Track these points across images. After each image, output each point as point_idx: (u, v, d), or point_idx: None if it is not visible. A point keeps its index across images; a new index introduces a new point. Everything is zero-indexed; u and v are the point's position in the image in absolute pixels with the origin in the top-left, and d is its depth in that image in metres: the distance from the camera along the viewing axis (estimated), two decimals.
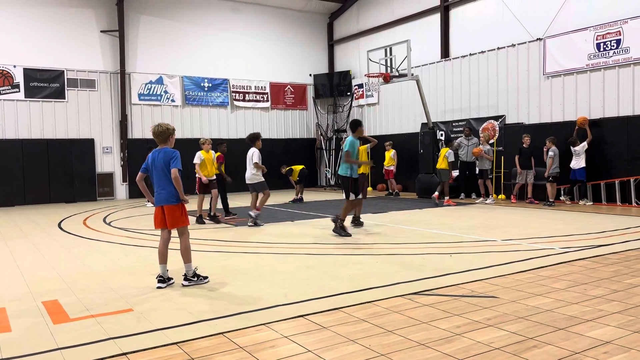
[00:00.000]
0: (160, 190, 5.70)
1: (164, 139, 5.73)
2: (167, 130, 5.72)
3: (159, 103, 19.03)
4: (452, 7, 17.31)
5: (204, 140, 11.25)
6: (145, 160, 5.80)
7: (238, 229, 10.12)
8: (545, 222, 9.98)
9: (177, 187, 5.62)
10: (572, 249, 7.18)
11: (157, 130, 5.71)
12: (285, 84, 21.74)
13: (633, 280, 5.44)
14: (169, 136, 5.75)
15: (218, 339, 3.97)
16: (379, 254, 7.23)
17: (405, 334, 3.96)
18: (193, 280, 5.74)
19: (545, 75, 14.48)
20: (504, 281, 5.52)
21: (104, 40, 18.04)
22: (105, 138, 18.16)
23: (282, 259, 7.12)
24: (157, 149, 5.74)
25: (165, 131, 5.71)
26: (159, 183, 5.70)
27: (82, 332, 4.17)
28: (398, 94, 19.23)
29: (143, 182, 5.85)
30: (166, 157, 5.63)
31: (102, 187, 18.03)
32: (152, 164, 5.71)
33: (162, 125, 5.76)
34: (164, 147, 5.74)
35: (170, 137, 5.76)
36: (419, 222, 10.55)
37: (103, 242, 8.85)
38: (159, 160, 5.65)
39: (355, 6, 21.43)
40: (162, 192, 5.68)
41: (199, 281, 5.77)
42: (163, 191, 5.67)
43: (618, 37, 12.78)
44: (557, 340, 3.76)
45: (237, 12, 20.58)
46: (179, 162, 5.63)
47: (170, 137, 5.76)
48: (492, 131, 15.71)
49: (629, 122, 12.47)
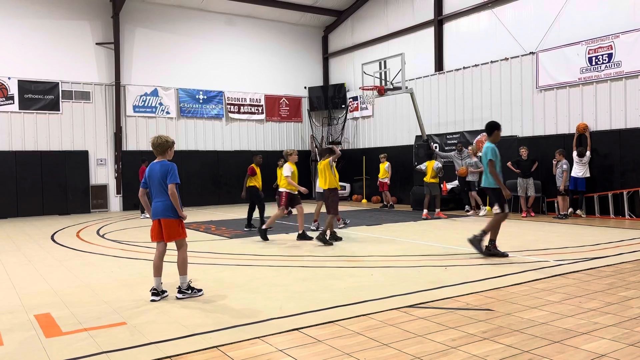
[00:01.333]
0: (157, 203, 5.66)
1: (162, 150, 5.71)
2: (167, 142, 5.72)
3: (153, 115, 19.04)
4: (446, 21, 17.49)
5: (291, 151, 10.28)
6: (144, 175, 5.75)
7: (232, 241, 10.08)
8: (539, 235, 10.00)
9: (174, 203, 5.57)
10: (567, 262, 7.20)
11: (157, 142, 5.70)
12: (280, 96, 21.82)
13: (627, 292, 5.46)
14: (167, 148, 5.73)
15: (212, 352, 3.94)
16: (373, 267, 7.22)
17: (401, 347, 3.94)
18: (187, 292, 5.70)
19: (538, 88, 14.61)
20: (499, 294, 5.51)
21: (99, 52, 18.08)
22: (100, 150, 18.12)
23: (276, 271, 7.09)
24: (155, 162, 5.71)
25: (164, 143, 5.70)
26: (156, 195, 5.67)
27: (75, 346, 4.13)
28: (392, 107, 19.34)
29: (145, 197, 5.83)
30: (163, 170, 5.59)
31: (96, 199, 17.95)
32: (149, 176, 5.69)
33: (161, 137, 5.75)
34: (162, 159, 5.71)
35: (169, 150, 5.74)
36: (413, 234, 10.55)
37: (96, 255, 8.79)
38: (156, 173, 5.62)
39: (350, 19, 21.61)
40: (159, 205, 5.63)
41: (192, 294, 5.73)
42: (160, 204, 5.63)
43: (610, 51, 12.94)
44: (552, 353, 3.76)
45: (232, 24, 20.70)
46: (176, 177, 5.59)
47: (169, 150, 5.74)
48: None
49: (621, 135, 12.57)
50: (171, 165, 5.64)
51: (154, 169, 5.65)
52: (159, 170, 5.61)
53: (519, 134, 15.02)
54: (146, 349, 4.03)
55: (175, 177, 5.58)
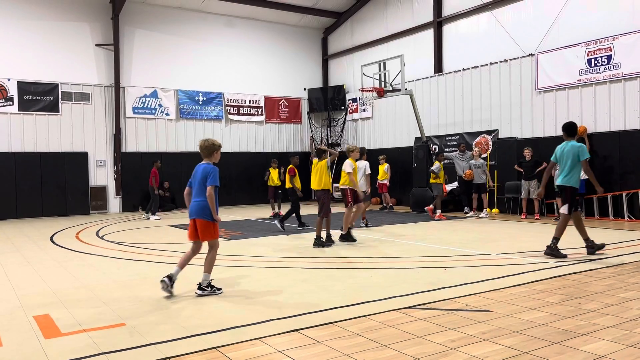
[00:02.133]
0: (194, 202, 5.85)
1: (208, 153, 5.92)
2: (213, 145, 5.91)
3: (153, 116, 19.04)
4: (445, 23, 17.51)
5: (353, 147, 10.08)
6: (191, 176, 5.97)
7: (231, 243, 10.08)
8: (539, 236, 10.00)
9: (210, 205, 5.72)
10: (566, 263, 7.20)
11: (204, 145, 5.91)
12: (280, 98, 21.83)
13: (627, 294, 5.46)
14: (213, 152, 5.92)
15: (212, 353, 3.93)
16: (373, 268, 7.22)
17: (400, 349, 3.94)
18: (207, 290, 5.84)
19: (537, 90, 14.63)
20: (499, 295, 5.51)
21: (99, 53, 18.09)
22: (99, 151, 18.12)
23: (276, 272, 7.09)
24: (200, 163, 5.93)
25: (210, 146, 5.89)
26: (196, 195, 5.87)
27: (73, 347, 4.13)
28: (392, 108, 19.35)
29: (189, 196, 5.98)
30: (205, 172, 5.79)
31: (95, 201, 17.94)
32: (193, 176, 5.91)
33: (209, 140, 5.95)
34: (208, 161, 5.92)
35: (215, 153, 5.93)
36: (413, 235, 10.55)
37: (96, 256, 8.79)
38: (199, 174, 5.83)
39: (349, 21, 21.63)
40: (195, 205, 5.82)
41: (212, 291, 5.85)
42: (196, 204, 5.82)
43: (609, 53, 12.95)
44: (552, 354, 3.75)
45: (231, 26, 20.72)
46: (216, 180, 5.75)
47: (215, 153, 5.93)
48: (485, 145, 15.81)
49: (620, 137, 12.59)
50: (213, 169, 5.81)
51: (198, 170, 5.88)
52: (201, 171, 5.82)
53: (518, 136, 15.03)
54: (145, 350, 4.03)
55: (215, 180, 5.74)
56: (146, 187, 18.42)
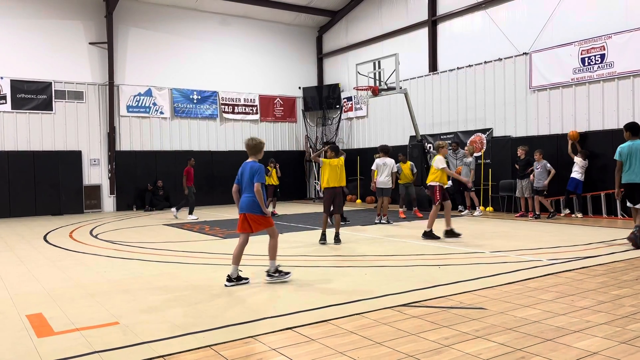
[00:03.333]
0: (244, 198, 6.22)
1: (255, 151, 6.30)
2: (260, 144, 6.31)
3: (147, 115, 18.98)
4: (440, 22, 17.54)
5: (443, 144, 10.02)
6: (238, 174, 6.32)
7: (226, 241, 10.06)
8: (532, 234, 10.04)
9: (259, 199, 6.09)
10: (559, 261, 7.23)
11: (252, 144, 6.28)
12: (275, 96, 21.81)
13: (619, 291, 5.49)
14: (260, 150, 6.31)
15: (205, 352, 3.92)
16: (367, 266, 7.22)
17: (394, 346, 3.94)
18: (275, 275, 6.18)
19: (531, 89, 14.67)
20: (492, 293, 5.53)
21: (93, 52, 18.00)
22: (93, 150, 18.04)
23: None
24: (247, 161, 6.27)
25: (258, 145, 6.30)
26: (244, 191, 6.24)
27: (66, 346, 4.11)
28: (387, 107, 19.36)
29: (237, 193, 6.41)
30: (252, 170, 6.14)
31: (89, 200, 17.87)
32: (241, 174, 6.27)
33: (255, 139, 6.33)
34: (253, 159, 6.27)
35: (261, 151, 6.33)
36: (407, 234, 10.56)
37: (89, 255, 8.75)
38: (247, 172, 6.19)
39: (344, 20, 21.63)
40: (245, 200, 6.19)
41: (281, 276, 6.17)
42: (246, 199, 6.18)
43: (602, 51, 13.01)
44: (545, 351, 3.77)
45: (226, 24, 20.67)
46: (263, 177, 6.10)
47: (261, 151, 6.33)
48: (479, 144, 15.84)
49: (613, 136, 12.62)
50: (259, 166, 6.16)
51: (245, 167, 6.22)
52: (249, 169, 6.16)
53: (512, 135, 15.08)
54: (139, 349, 4.01)
55: (262, 177, 6.09)
56: (141, 186, 18.44)
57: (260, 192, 6.06)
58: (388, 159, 12.44)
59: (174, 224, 13.36)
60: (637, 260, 7.23)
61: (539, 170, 12.77)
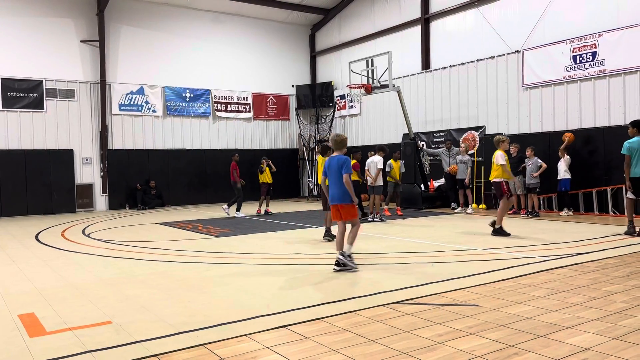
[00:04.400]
0: (333, 190, 6.77)
1: (341, 146, 6.84)
2: (345, 140, 6.86)
3: (139, 113, 18.89)
4: (433, 20, 17.57)
5: (503, 138, 9.94)
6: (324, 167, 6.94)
7: (220, 240, 10.04)
8: (525, 231, 10.09)
9: (349, 189, 6.62)
10: (551, 258, 7.27)
11: (338, 139, 6.82)
12: (268, 94, 21.77)
13: (611, 287, 5.53)
14: (345, 145, 6.85)
15: (199, 350, 3.91)
16: (361, 264, 7.22)
17: (388, 343, 3.95)
18: (348, 259, 6.61)
19: (523, 86, 14.74)
20: (485, 289, 5.55)
21: (84, 50, 17.89)
22: (85, 149, 17.94)
23: (264, 269, 7.08)
24: (333, 155, 6.85)
25: (344, 140, 6.85)
26: (333, 184, 6.77)
27: (59, 346, 4.09)
28: (380, 105, 19.38)
29: (324, 184, 7.13)
30: (339, 163, 6.68)
31: (82, 199, 17.76)
32: (328, 168, 6.81)
33: (340, 135, 6.90)
34: (339, 154, 6.80)
35: (345, 146, 6.87)
36: (400, 231, 10.59)
37: (82, 254, 8.70)
38: (334, 165, 6.73)
39: (337, 18, 21.61)
40: (336, 192, 6.73)
41: (350, 261, 6.62)
42: (337, 191, 6.72)
43: (594, 49, 13.08)
44: (537, 347, 3.79)
45: (218, 22, 20.60)
46: (350, 168, 6.64)
47: (345, 146, 6.87)
48: (472, 141, 15.90)
49: (605, 133, 12.72)
50: (345, 159, 6.72)
51: (332, 161, 6.76)
52: (336, 162, 6.70)
53: (505, 132, 15.12)
54: (132, 348, 4.00)
55: (349, 168, 6.63)
56: (133, 184, 18.36)
57: (349, 182, 6.58)
58: (377, 157, 12.60)
59: (166, 223, 13.32)
60: (628, 256, 7.29)
61: (531, 167, 12.83)
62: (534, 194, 12.88)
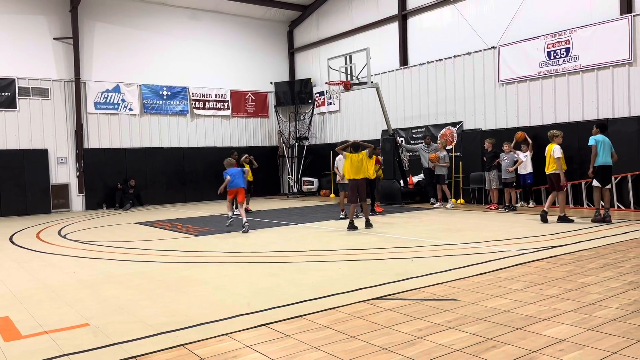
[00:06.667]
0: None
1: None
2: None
3: (116, 112, 18.61)
4: (410, 16, 17.66)
5: (557, 133, 10.52)
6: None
7: (199, 239, 9.97)
8: (502, 225, 10.23)
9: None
10: (528, 251, 7.39)
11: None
12: (246, 91, 21.64)
13: (586, 279, 5.64)
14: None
15: (178, 351, 3.88)
16: (341, 260, 7.25)
17: (368, 339, 3.97)
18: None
19: (500, 82, 14.92)
20: (464, 284, 5.62)
21: (58, 47, 17.54)
22: (60, 148, 17.60)
23: (244, 268, 7.04)
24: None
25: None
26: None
27: (35, 349, 4.01)
28: (359, 101, 19.43)
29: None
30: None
31: (57, 199, 17.44)
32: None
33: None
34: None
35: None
36: (380, 227, 10.64)
37: (58, 256, 8.55)
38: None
39: (315, 14, 21.57)
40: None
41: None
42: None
43: (567, 45, 13.30)
44: (515, 339, 3.85)
45: (196, 19, 20.39)
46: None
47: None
48: (450, 137, 16.05)
49: (579, 127, 12.95)
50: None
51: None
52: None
53: (482, 127, 15.31)
54: (110, 350, 3.95)
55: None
56: (110, 184, 18.09)
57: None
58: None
59: (144, 223, 13.16)
60: (602, 248, 7.44)
61: (506, 161, 13.02)
62: (510, 188, 13.07)
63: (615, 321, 4.19)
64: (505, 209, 13.01)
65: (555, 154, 10.20)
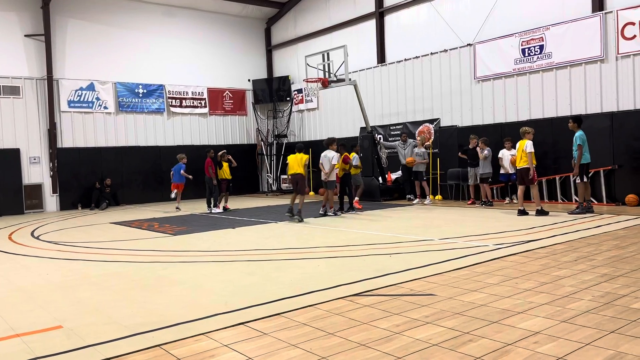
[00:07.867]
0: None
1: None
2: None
3: (90, 110, 18.29)
4: (387, 14, 17.72)
5: (529, 130, 10.91)
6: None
7: (176, 238, 9.86)
8: (479, 221, 10.35)
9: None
10: (504, 245, 7.49)
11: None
12: (224, 89, 21.48)
13: (560, 272, 5.74)
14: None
15: (154, 351, 3.83)
16: (320, 257, 7.25)
17: (346, 336, 3.97)
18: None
19: (476, 79, 15.08)
20: (442, 279, 5.66)
21: (29, 44, 17.15)
22: (33, 148, 17.23)
23: (222, 266, 6.99)
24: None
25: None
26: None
27: (5, 353, 3.92)
28: (337, 99, 19.44)
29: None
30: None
31: (30, 199, 17.08)
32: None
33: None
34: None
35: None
36: (359, 224, 10.67)
37: (30, 257, 8.37)
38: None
39: (292, 11, 21.50)
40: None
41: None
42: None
43: (541, 42, 13.50)
44: (490, 333, 3.89)
45: (171, 16, 20.14)
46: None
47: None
48: (427, 134, 16.16)
49: (553, 124, 13.17)
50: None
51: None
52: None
53: (458, 124, 15.46)
54: (84, 352, 3.87)
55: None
56: (86, 183, 17.78)
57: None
58: (329, 152, 12.25)
59: (121, 222, 12.97)
60: (576, 242, 7.58)
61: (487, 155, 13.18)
62: (486, 184, 13.23)
63: (588, 313, 4.27)
64: (482, 205, 13.15)
65: (527, 149, 10.60)
